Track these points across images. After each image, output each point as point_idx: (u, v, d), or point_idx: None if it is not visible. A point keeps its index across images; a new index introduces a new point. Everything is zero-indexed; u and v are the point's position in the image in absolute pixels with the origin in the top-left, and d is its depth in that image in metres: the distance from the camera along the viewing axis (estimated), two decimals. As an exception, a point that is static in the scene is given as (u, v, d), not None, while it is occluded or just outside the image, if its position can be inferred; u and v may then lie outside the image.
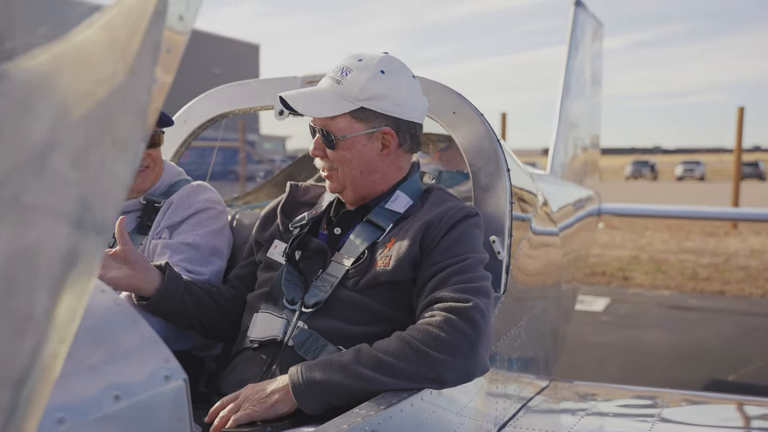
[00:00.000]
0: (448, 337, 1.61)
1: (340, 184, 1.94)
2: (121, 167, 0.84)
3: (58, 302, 0.80)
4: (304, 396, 1.58)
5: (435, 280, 1.75)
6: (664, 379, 5.48)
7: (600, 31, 6.72)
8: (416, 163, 2.07)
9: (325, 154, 1.90)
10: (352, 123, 1.87)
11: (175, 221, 2.15)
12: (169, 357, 1.06)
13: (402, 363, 1.59)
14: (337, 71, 1.87)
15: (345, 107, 1.84)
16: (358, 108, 1.85)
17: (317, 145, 1.90)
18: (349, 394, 1.58)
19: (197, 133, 2.77)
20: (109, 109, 0.82)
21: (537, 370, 2.63)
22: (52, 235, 0.77)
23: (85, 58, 0.79)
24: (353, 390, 1.58)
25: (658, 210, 7.39)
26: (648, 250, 13.15)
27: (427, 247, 1.82)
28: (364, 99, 1.85)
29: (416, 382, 1.61)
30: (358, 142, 1.88)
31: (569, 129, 5.78)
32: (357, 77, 1.84)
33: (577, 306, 8.54)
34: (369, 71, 1.85)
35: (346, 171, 1.91)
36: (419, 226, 1.84)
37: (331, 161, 1.91)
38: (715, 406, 2.62)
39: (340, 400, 1.59)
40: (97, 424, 0.94)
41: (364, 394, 1.58)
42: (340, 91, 1.85)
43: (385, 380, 1.58)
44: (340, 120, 1.86)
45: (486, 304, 1.70)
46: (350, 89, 1.84)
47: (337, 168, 1.91)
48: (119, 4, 0.81)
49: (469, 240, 1.84)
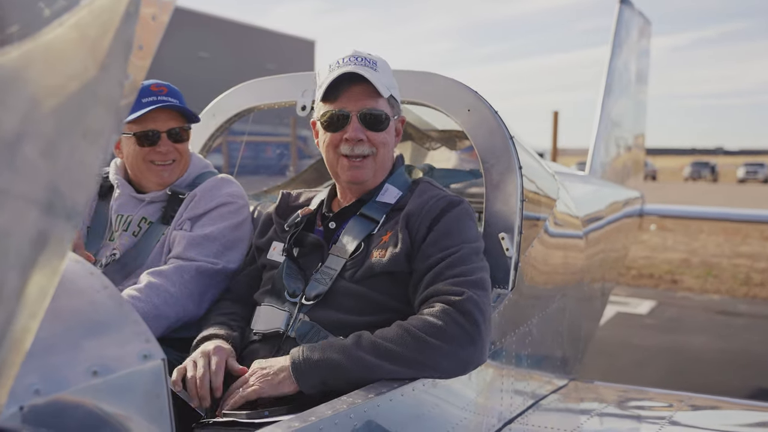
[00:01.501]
0: (446, 326, 1.65)
1: (370, 171, 1.96)
2: (92, 157, 0.90)
3: (29, 280, 0.86)
4: (302, 374, 1.63)
5: (430, 275, 1.77)
6: (705, 385, 5.34)
7: (647, 28, 6.59)
8: (400, 156, 2.12)
9: (367, 138, 1.93)
10: (388, 107, 1.97)
11: (197, 213, 2.22)
12: (150, 338, 1.12)
13: (400, 348, 1.63)
14: (364, 61, 1.93)
15: (386, 92, 1.94)
16: (390, 95, 1.97)
17: (358, 128, 1.92)
18: (346, 376, 1.62)
19: (225, 127, 2.85)
20: (80, 102, 0.88)
21: (553, 369, 2.62)
22: (22, 218, 0.84)
23: (55, 55, 0.85)
24: (350, 371, 1.62)
25: (703, 212, 7.20)
26: (700, 254, 12.80)
27: (415, 238, 1.85)
28: (391, 87, 1.97)
29: (413, 368, 1.65)
30: (393, 126, 2.00)
31: (611, 128, 5.69)
32: (383, 66, 1.97)
33: (622, 308, 8.44)
34: (386, 64, 1.99)
35: (383, 154, 1.98)
36: (402, 217, 1.89)
37: (373, 144, 1.94)
38: (737, 412, 2.56)
39: (337, 381, 1.63)
40: (73, 397, 1.00)
41: (363, 379, 1.62)
42: (379, 77, 1.93)
43: (382, 365, 1.62)
44: (382, 103, 1.95)
45: (481, 296, 1.73)
46: (383, 77, 1.94)
47: (375, 153, 1.95)
48: (90, 5, 0.87)
49: (460, 230, 1.86)
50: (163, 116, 2.21)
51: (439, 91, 2.37)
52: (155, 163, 2.25)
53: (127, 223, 2.26)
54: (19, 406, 0.94)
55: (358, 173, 1.95)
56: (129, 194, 2.31)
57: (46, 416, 0.97)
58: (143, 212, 2.27)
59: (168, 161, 2.26)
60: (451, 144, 3.23)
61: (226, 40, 40.60)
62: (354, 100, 1.91)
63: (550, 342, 2.54)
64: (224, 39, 40.54)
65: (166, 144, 2.23)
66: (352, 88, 1.91)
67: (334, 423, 1.40)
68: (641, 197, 5.89)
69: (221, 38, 40.39)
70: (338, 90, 1.92)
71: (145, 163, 2.25)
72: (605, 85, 5.63)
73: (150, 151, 2.23)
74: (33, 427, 0.95)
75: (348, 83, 1.91)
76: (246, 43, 42.10)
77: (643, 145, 6.80)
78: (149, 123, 2.20)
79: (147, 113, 2.17)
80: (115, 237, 2.25)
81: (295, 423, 1.36)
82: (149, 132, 2.21)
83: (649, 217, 6.18)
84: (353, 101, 1.91)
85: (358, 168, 1.94)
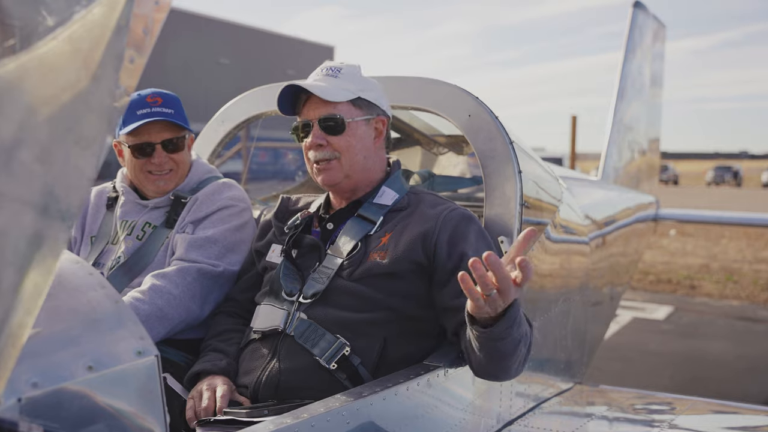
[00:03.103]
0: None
1: (340, 173, 2.02)
2: (85, 162, 0.96)
3: (25, 278, 0.91)
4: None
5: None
6: (721, 391, 5.30)
7: (662, 32, 6.57)
8: (397, 161, 2.16)
9: (328, 143, 2.01)
10: (353, 110, 2.03)
11: (199, 217, 2.28)
12: (144, 335, 1.17)
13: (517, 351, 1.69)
14: (328, 70, 2.05)
15: (347, 95, 2.02)
16: (357, 97, 2.03)
17: (318, 135, 2.00)
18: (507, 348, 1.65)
19: (233, 133, 2.91)
20: (73, 111, 0.93)
21: (556, 372, 2.64)
22: (19, 219, 0.89)
23: (49, 67, 0.90)
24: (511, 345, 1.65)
25: (720, 216, 7.13)
26: (721, 259, 12.67)
27: (441, 253, 1.90)
28: (359, 90, 2.04)
29: (506, 373, 1.76)
30: (360, 127, 2.03)
31: (624, 132, 5.68)
32: (349, 72, 2.05)
33: (638, 314, 8.39)
34: (354, 69, 2.07)
35: (350, 157, 2.02)
36: (417, 234, 1.92)
37: (335, 149, 2.01)
38: (742, 416, 2.56)
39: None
40: (69, 391, 1.06)
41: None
42: (339, 83, 2.02)
43: (516, 352, 1.68)
44: (342, 107, 2.01)
45: None
46: (346, 82, 2.03)
47: (339, 156, 2.01)
48: (83, 19, 0.92)
49: (489, 247, 1.94)
50: (157, 128, 2.27)
51: (440, 96, 2.41)
52: (152, 173, 2.31)
53: (131, 228, 2.32)
54: (18, 398, 1.00)
55: (326, 176, 2.02)
56: (133, 200, 2.38)
57: (43, 408, 1.02)
58: (147, 217, 2.34)
59: (164, 171, 2.32)
60: (458, 149, 3.26)
61: (246, 47, 40.93)
62: (312, 109, 2.02)
63: (552, 345, 2.56)
64: (244, 46, 40.87)
65: (160, 155, 2.29)
66: (310, 99, 2.02)
67: (326, 420, 1.44)
68: (655, 202, 5.87)
69: (241, 45, 40.72)
70: (299, 103, 2.06)
71: (143, 173, 2.31)
72: (618, 89, 5.63)
73: (146, 162, 2.29)
74: (30, 418, 1.00)
75: (306, 94, 2.03)
76: (265, 49, 42.41)
77: (658, 149, 6.77)
78: (143, 135, 2.26)
79: (141, 126, 2.23)
80: (120, 241, 2.31)
81: (287, 420, 1.41)
82: (144, 144, 2.27)
83: (666, 222, 6.15)
84: (312, 110, 2.02)
85: (326, 170, 2.02)
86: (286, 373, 1.84)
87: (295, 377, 1.83)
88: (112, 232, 2.36)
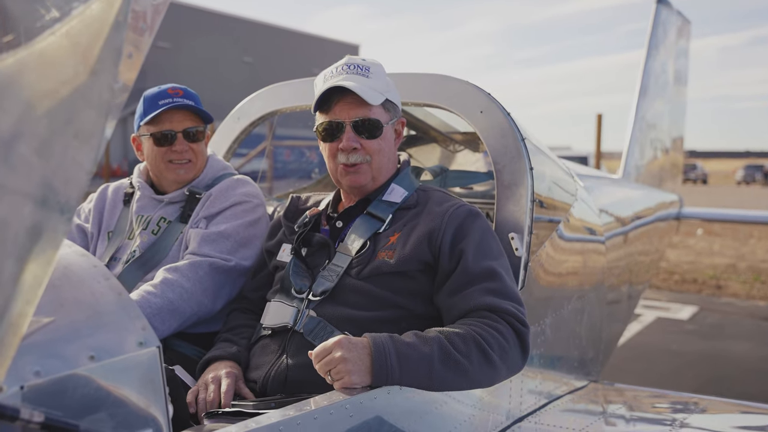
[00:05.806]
0: (509, 351, 1.76)
1: (368, 176, 2.00)
2: (84, 155, 0.98)
3: (25, 268, 0.94)
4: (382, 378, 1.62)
5: (472, 289, 1.83)
6: (744, 393, 5.20)
7: (686, 28, 6.48)
8: (406, 160, 2.16)
9: (361, 146, 1.97)
10: (383, 113, 2.00)
11: (213, 212, 2.31)
12: (146, 326, 1.19)
13: (470, 366, 1.69)
14: (357, 68, 1.98)
15: (380, 98, 1.97)
16: (385, 99, 1.99)
17: (352, 137, 1.96)
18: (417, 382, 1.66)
19: (249, 129, 2.94)
20: (72, 105, 0.95)
21: (569, 369, 2.62)
22: (18, 211, 0.91)
23: (47, 61, 0.92)
24: (423, 381, 1.66)
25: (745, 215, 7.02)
26: (749, 259, 12.44)
27: (444, 251, 1.89)
28: (385, 91, 2.00)
29: (473, 385, 1.75)
30: (389, 131, 2.03)
31: (646, 131, 5.61)
32: (377, 72, 2.00)
33: (662, 313, 8.28)
34: (380, 68, 2.02)
35: (379, 160, 2.00)
36: (424, 233, 1.91)
37: (367, 153, 1.98)
38: (757, 416, 2.52)
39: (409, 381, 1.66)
40: (71, 379, 1.08)
41: (427, 386, 1.68)
42: (372, 84, 1.97)
43: (454, 380, 1.68)
44: (377, 109, 1.98)
45: (524, 312, 1.83)
46: (377, 83, 1.98)
47: (370, 160, 1.99)
48: (81, 15, 0.94)
49: (490, 244, 1.93)
50: (179, 116, 2.31)
51: (453, 93, 2.40)
52: (173, 161, 2.34)
53: (147, 222, 2.36)
54: (20, 386, 1.02)
55: (356, 178, 2.00)
56: (149, 196, 2.41)
57: (45, 396, 1.04)
58: (162, 212, 2.37)
59: (184, 160, 2.35)
60: (473, 146, 3.25)
61: (270, 46, 41.15)
62: (347, 110, 1.95)
63: (565, 343, 2.55)
64: (269, 44, 41.09)
65: (182, 143, 2.32)
66: (344, 98, 1.95)
67: (329, 413, 1.45)
68: (678, 200, 5.79)
69: (266, 43, 40.94)
70: (331, 101, 1.97)
71: (164, 163, 2.35)
72: (640, 86, 5.56)
73: (167, 151, 2.33)
74: (33, 406, 1.03)
75: (340, 93, 1.95)
76: (290, 48, 42.59)
77: (682, 148, 6.68)
78: (165, 123, 2.30)
79: (163, 114, 2.27)
80: (136, 236, 2.35)
81: (291, 411, 1.42)
82: (166, 132, 2.31)
83: (689, 220, 6.07)
84: (346, 111, 1.95)
85: (356, 173, 1.99)
86: (294, 369, 1.85)
87: (303, 373, 1.84)
88: (128, 227, 2.40)
